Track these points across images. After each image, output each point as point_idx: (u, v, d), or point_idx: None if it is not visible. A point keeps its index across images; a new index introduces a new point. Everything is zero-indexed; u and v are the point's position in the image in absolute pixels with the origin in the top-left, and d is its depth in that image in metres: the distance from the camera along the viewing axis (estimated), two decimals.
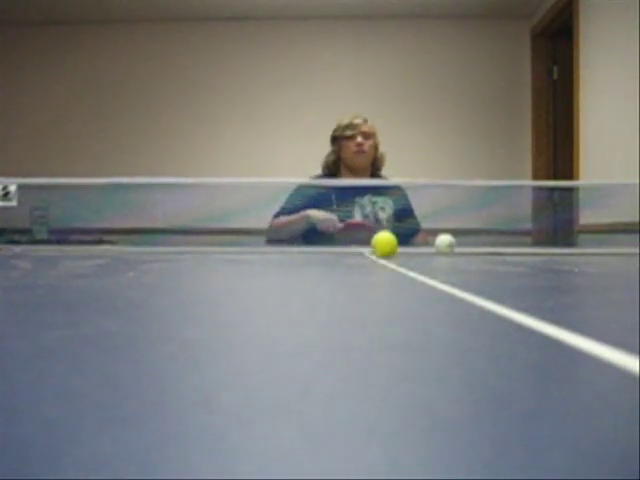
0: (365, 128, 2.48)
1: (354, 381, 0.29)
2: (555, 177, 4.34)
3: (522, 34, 4.58)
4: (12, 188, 2.11)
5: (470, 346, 0.39)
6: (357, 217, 2.43)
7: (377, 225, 2.43)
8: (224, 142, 4.69)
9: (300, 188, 2.50)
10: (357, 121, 2.49)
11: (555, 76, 4.42)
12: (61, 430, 0.21)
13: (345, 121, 2.52)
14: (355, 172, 2.48)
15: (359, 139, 2.45)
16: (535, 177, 4.44)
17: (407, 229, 2.49)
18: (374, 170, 2.55)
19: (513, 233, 4.04)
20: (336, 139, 2.52)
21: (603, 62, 3.42)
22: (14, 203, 2.12)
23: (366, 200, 2.45)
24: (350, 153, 2.46)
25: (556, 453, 0.19)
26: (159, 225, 4.31)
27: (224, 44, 4.72)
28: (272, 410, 0.24)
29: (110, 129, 4.74)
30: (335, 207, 2.41)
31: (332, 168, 2.54)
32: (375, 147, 2.52)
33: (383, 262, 1.41)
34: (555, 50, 4.43)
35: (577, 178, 3.67)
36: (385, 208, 2.47)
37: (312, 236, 2.37)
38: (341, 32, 4.68)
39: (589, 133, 3.59)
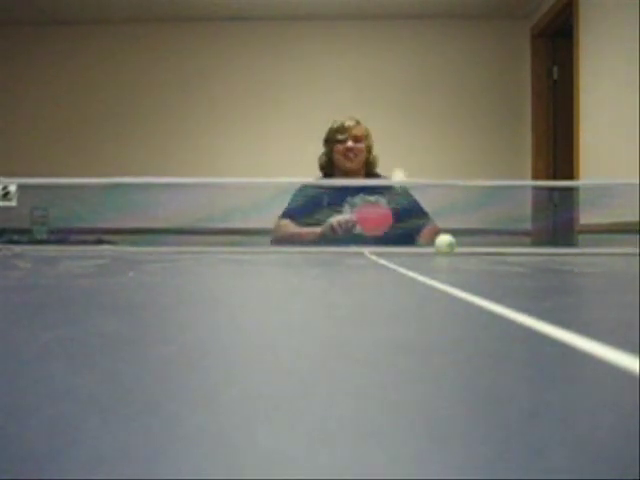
0: (356, 131, 2.48)
1: (354, 381, 0.29)
2: (555, 177, 4.34)
3: (522, 34, 4.58)
4: (12, 188, 2.11)
5: (470, 346, 0.39)
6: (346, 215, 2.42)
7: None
8: (224, 142, 4.69)
9: (303, 189, 2.50)
10: (348, 124, 2.49)
11: (555, 76, 4.42)
12: (61, 430, 0.21)
13: (337, 123, 2.52)
14: (346, 174, 2.49)
15: (349, 143, 2.45)
16: (535, 177, 4.44)
17: (411, 227, 2.47)
18: (368, 171, 2.55)
19: (513, 233, 4.04)
20: (328, 142, 2.53)
21: (603, 62, 3.42)
22: (14, 203, 2.12)
23: (357, 199, 2.43)
24: (341, 156, 2.47)
25: (556, 453, 0.19)
26: (159, 225, 4.31)
27: (224, 44, 4.72)
28: (272, 410, 0.24)
29: (110, 128, 4.74)
30: (325, 207, 2.41)
31: (326, 169, 2.55)
32: (367, 149, 2.52)
33: (383, 262, 1.41)
34: (555, 50, 4.43)
35: (577, 178, 3.67)
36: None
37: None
38: (341, 32, 4.68)
39: (589, 133, 3.59)
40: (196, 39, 4.73)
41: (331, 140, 2.51)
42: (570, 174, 3.81)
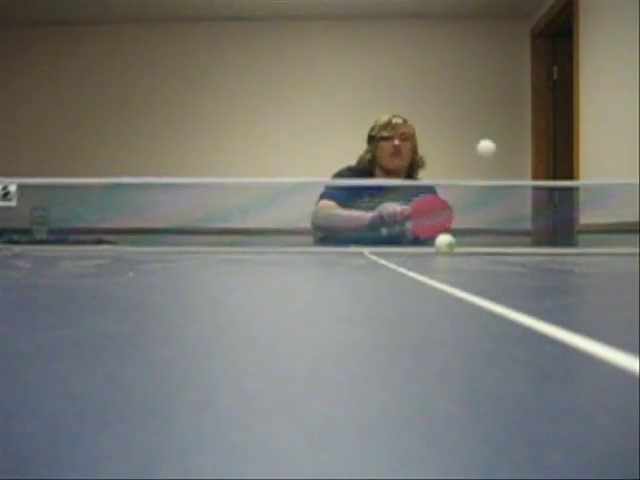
0: (404, 129, 2.36)
1: (354, 381, 0.29)
2: (555, 177, 4.34)
3: (522, 34, 4.58)
4: (12, 188, 2.11)
5: (470, 346, 0.39)
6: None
7: (402, 235, 2.35)
8: (224, 142, 4.69)
9: (335, 180, 2.38)
10: (396, 121, 2.36)
11: (555, 76, 4.42)
12: (61, 430, 0.21)
13: (384, 120, 2.38)
14: (389, 174, 2.36)
15: (396, 141, 2.33)
16: (535, 177, 4.44)
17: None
18: (410, 173, 2.43)
19: (513, 233, 4.04)
20: (373, 138, 2.40)
21: (603, 62, 3.42)
22: (14, 203, 2.12)
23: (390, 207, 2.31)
24: (386, 154, 2.34)
25: (556, 453, 0.19)
26: (159, 225, 4.31)
27: (224, 44, 4.72)
28: (272, 410, 0.24)
29: (110, 128, 4.74)
30: (364, 202, 2.30)
31: (367, 167, 2.41)
32: (413, 149, 2.40)
33: (383, 262, 1.41)
34: (555, 50, 4.43)
35: (577, 178, 3.67)
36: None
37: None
38: (341, 32, 4.68)
39: (589, 133, 3.59)
40: (196, 39, 4.73)
41: (376, 137, 2.37)
42: (570, 174, 3.81)
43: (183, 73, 4.73)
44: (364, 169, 2.42)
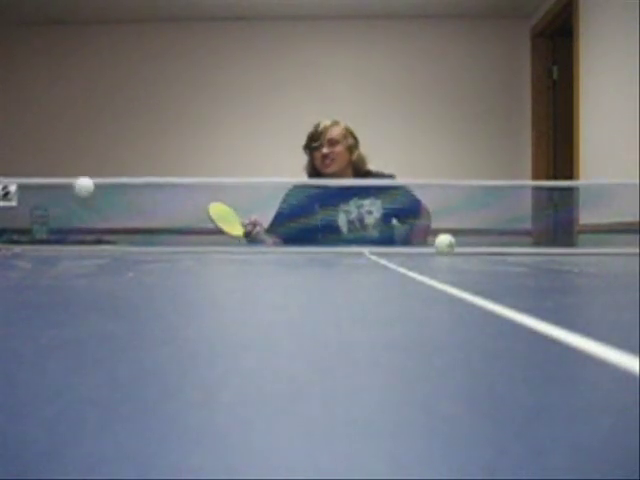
0: (330, 134, 2.36)
1: (354, 381, 0.29)
2: (555, 177, 4.34)
3: (522, 34, 4.58)
4: (12, 188, 2.11)
5: (470, 346, 0.39)
6: (341, 224, 2.35)
7: (363, 229, 2.37)
8: (224, 142, 4.69)
9: (292, 194, 2.44)
10: (322, 127, 2.37)
11: (555, 76, 4.42)
12: (61, 430, 0.21)
13: (311, 130, 2.40)
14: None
15: (324, 150, 2.34)
16: (535, 177, 4.44)
17: (410, 226, 2.43)
18: (356, 171, 2.42)
19: (513, 233, 4.04)
20: (307, 149, 2.43)
21: (603, 62, 3.42)
22: (14, 203, 2.12)
23: (351, 205, 2.35)
24: (319, 163, 2.37)
25: (556, 453, 0.19)
26: (159, 225, 4.31)
27: (224, 44, 4.72)
28: (272, 410, 0.24)
29: (110, 128, 4.74)
30: (318, 215, 2.35)
31: (314, 175, 2.45)
32: (349, 150, 2.39)
33: (383, 262, 1.41)
34: (555, 50, 4.43)
35: (577, 178, 3.67)
36: (372, 211, 2.36)
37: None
38: (341, 32, 4.68)
39: (589, 133, 3.59)
40: (196, 39, 4.73)
41: (308, 147, 2.41)
42: (570, 174, 3.81)
43: (183, 73, 4.73)
44: (312, 177, 2.46)
